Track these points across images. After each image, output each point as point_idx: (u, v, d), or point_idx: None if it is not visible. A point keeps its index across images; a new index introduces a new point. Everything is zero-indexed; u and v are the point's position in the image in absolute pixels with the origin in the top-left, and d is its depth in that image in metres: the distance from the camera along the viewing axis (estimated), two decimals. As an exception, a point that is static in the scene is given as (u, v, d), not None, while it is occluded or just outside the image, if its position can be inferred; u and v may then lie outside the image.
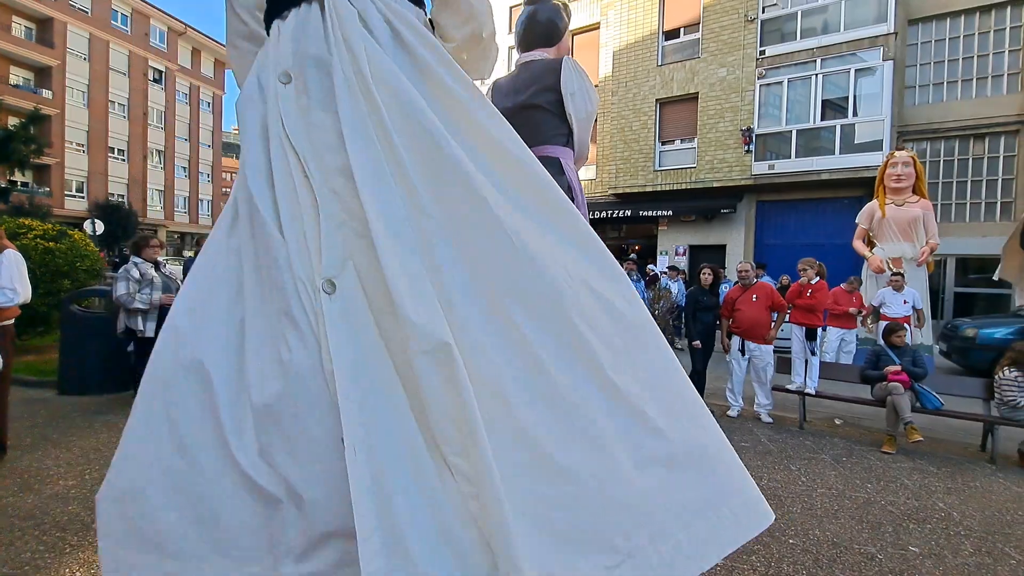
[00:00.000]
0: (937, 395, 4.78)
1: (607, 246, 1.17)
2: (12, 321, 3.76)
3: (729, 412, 5.53)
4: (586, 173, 18.04)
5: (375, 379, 0.94)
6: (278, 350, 0.97)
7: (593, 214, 17.08)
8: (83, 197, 30.36)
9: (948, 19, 13.04)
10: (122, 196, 32.24)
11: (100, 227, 20.34)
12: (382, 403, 0.93)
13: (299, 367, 0.95)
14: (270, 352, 0.98)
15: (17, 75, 28.08)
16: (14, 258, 3.56)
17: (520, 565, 0.81)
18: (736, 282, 5.96)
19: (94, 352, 5.40)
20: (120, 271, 4.68)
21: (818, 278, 5.82)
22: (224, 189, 48.57)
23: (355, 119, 1.03)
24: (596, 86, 17.22)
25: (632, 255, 13.96)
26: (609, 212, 16.45)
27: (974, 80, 12.86)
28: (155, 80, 34.78)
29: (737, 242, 14.30)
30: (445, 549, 0.87)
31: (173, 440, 0.98)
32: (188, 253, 28.99)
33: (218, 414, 0.96)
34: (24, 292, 3.58)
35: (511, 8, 28.01)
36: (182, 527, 0.95)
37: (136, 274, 4.63)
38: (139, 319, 4.65)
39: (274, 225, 1.02)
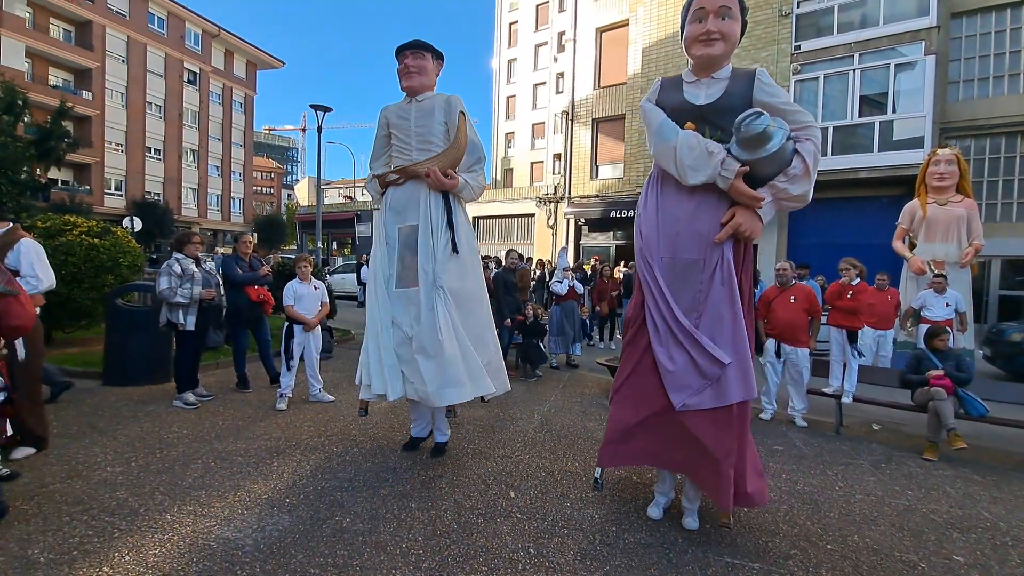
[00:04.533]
0: (982, 401, 4.61)
1: (634, 246, 1.95)
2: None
3: (762, 415, 5.43)
4: (613, 172, 17.91)
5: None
6: None
7: (619, 213, 16.94)
8: (121, 195, 31.47)
9: (993, 12, 12.52)
10: (158, 194, 33.30)
11: (138, 224, 21.05)
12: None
13: None
14: None
15: (56, 76, 29.17)
16: (32, 246, 3.53)
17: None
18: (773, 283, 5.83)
19: (137, 345, 5.60)
20: (163, 266, 4.83)
21: (859, 279, 5.66)
22: (255, 188, 49.67)
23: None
24: (624, 84, 16.92)
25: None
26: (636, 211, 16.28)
27: (1021, 75, 12.32)
28: (190, 81, 35.78)
29: (770, 241, 14.00)
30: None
31: None
32: (221, 250, 29.73)
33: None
34: (47, 279, 3.55)
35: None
36: None
37: (178, 269, 4.78)
38: (179, 313, 4.79)
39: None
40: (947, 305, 5.74)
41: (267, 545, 2.54)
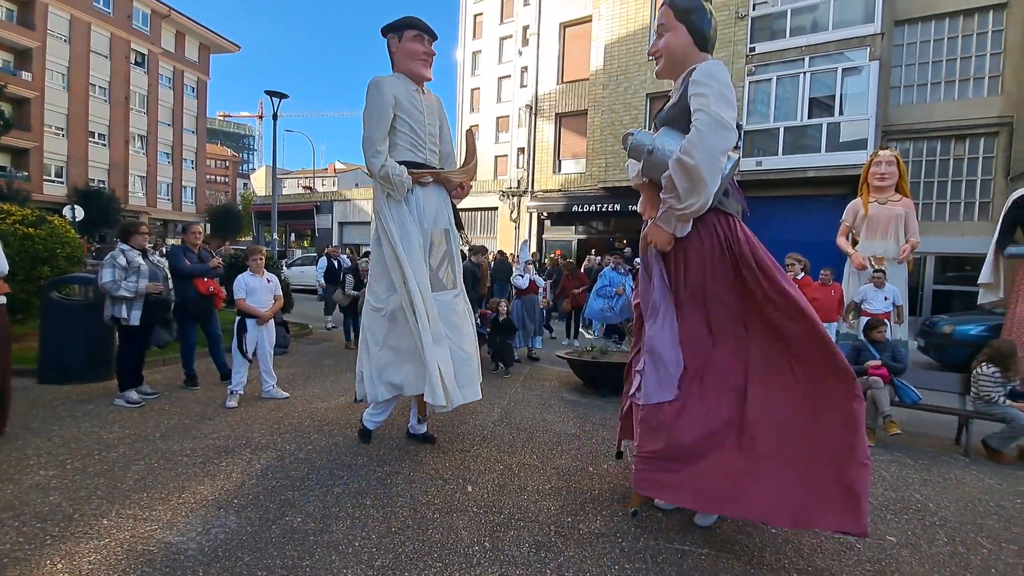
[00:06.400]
0: (915, 389, 4.89)
1: (595, 240, 1.51)
2: None
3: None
4: (576, 166, 18.05)
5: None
6: None
7: (581, 208, 17.11)
8: (62, 182, 29.67)
9: (933, 21, 13.22)
10: (103, 182, 31.56)
11: (80, 213, 19.91)
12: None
13: None
14: None
15: (-5, 57, 27.30)
16: None
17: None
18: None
19: (75, 340, 5.32)
20: (106, 258, 4.58)
21: (803, 274, 5.90)
22: (208, 176, 47.68)
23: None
24: (587, 79, 17.03)
25: (625, 249, 14.02)
26: (598, 206, 16.48)
27: (957, 82, 13.07)
28: (137, 64, 33.98)
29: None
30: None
31: None
32: (172, 241, 28.47)
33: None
34: None
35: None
36: None
37: (123, 261, 4.53)
38: (123, 307, 4.56)
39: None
40: (885, 299, 6.05)
41: (212, 548, 2.46)
